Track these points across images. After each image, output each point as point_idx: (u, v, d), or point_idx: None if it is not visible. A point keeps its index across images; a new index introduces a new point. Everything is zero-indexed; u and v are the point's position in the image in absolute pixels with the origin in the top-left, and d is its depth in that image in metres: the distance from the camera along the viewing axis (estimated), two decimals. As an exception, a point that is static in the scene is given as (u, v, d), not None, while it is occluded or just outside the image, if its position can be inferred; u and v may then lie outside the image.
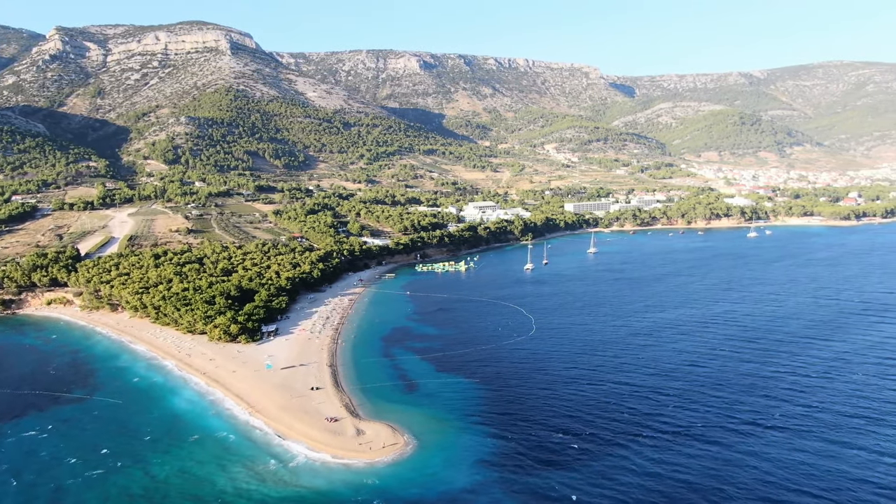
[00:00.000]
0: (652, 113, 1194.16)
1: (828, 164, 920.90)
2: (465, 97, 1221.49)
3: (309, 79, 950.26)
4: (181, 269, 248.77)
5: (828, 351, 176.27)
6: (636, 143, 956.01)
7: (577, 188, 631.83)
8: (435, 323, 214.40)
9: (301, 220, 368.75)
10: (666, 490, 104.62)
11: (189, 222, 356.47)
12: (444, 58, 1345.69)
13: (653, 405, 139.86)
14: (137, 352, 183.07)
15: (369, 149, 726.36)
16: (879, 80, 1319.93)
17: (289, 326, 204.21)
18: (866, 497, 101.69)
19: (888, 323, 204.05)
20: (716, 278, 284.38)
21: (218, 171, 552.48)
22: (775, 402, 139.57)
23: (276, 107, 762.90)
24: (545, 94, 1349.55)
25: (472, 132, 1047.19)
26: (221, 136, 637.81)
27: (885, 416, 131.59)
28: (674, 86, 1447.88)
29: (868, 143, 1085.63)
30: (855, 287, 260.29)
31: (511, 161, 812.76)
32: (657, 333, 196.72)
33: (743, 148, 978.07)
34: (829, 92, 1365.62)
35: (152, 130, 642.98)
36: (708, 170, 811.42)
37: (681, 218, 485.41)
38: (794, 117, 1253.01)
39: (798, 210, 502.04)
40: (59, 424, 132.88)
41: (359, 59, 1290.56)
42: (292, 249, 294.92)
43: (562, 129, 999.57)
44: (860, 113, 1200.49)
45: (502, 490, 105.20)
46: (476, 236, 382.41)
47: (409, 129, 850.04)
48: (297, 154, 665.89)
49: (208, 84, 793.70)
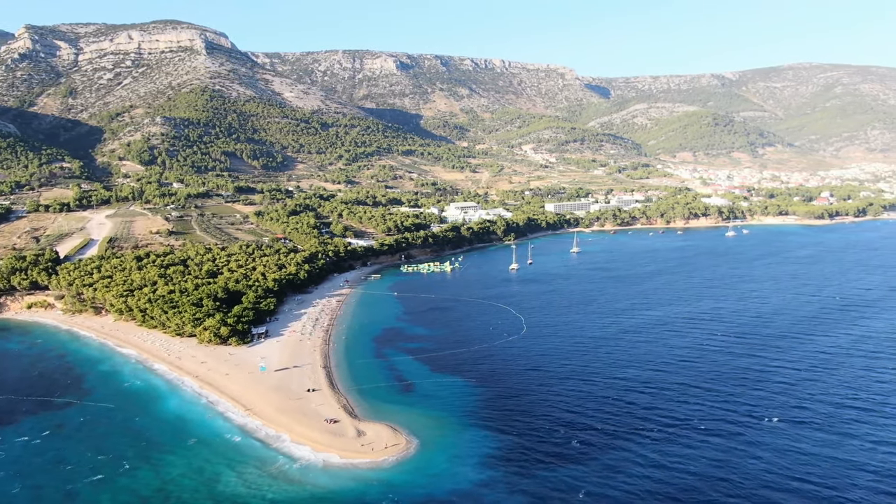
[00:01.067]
0: (627, 114, 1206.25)
1: (799, 164, 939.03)
2: (442, 98, 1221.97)
3: (285, 79, 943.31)
4: (165, 271, 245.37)
5: (813, 346, 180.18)
6: (612, 144, 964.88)
7: (557, 188, 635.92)
8: (425, 323, 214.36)
9: (283, 221, 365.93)
10: (673, 481, 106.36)
11: (169, 224, 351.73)
12: (420, 58, 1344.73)
13: (649, 400, 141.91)
14: (125, 355, 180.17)
15: (348, 149, 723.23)
16: (847, 81, 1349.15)
17: (278, 328, 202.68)
18: (865, 483, 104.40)
19: (868, 318, 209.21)
20: (700, 276, 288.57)
21: (195, 172, 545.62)
22: (769, 395, 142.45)
23: (252, 107, 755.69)
24: (521, 95, 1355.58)
25: (449, 133, 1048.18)
26: (198, 136, 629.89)
27: (875, 406, 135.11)
28: (648, 87, 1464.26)
29: (837, 144, 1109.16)
30: (835, 284, 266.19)
31: (490, 162, 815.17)
32: (646, 331, 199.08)
33: (717, 148, 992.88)
34: (798, 94, 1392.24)
35: (127, 131, 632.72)
36: (684, 170, 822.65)
37: (660, 218, 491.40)
38: (766, 118, 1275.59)
39: (773, 209, 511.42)
40: (53, 429, 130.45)
41: (335, 60, 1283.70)
42: (277, 251, 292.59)
43: (539, 129, 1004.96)
44: (829, 114, 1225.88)
45: (509, 487, 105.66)
46: (459, 237, 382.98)
47: (387, 129, 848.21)
48: (275, 155, 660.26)
49: (183, 84, 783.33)
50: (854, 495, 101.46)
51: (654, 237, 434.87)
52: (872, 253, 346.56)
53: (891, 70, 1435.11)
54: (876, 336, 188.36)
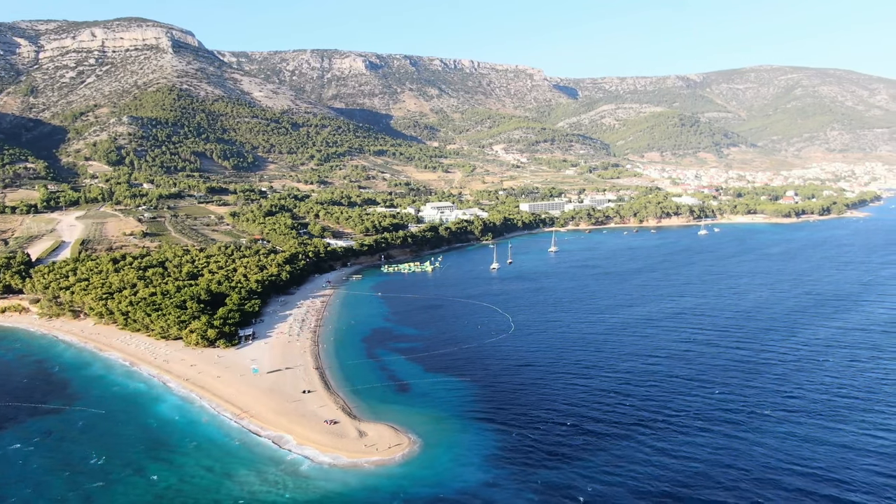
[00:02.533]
0: (595, 114, 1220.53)
1: (762, 164, 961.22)
2: (411, 98, 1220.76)
3: (254, 78, 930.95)
4: (144, 273, 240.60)
5: (797, 338, 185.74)
6: (582, 144, 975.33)
7: (530, 188, 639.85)
8: (412, 323, 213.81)
9: (260, 222, 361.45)
10: (679, 470, 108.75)
11: (143, 225, 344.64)
12: (389, 58, 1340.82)
13: (644, 393, 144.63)
14: (110, 359, 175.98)
15: (319, 149, 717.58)
16: (807, 84, 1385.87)
17: (265, 330, 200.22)
18: (862, 469, 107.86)
19: (845, 312, 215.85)
20: (680, 274, 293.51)
21: (165, 172, 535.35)
22: (760, 386, 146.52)
23: (221, 107, 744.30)
24: (490, 96, 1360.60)
25: (420, 133, 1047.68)
26: (166, 136, 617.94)
27: (863, 395, 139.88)
28: (615, 88, 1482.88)
29: (798, 145, 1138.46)
30: (811, 280, 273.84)
31: (462, 162, 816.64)
32: (634, 327, 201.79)
33: (683, 149, 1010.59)
34: (760, 95, 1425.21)
35: (92, 130, 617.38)
36: (652, 170, 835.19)
37: (633, 217, 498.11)
38: (730, 119, 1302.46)
39: (742, 208, 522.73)
40: (43, 437, 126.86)
41: (303, 59, 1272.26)
42: (256, 252, 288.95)
43: (509, 129, 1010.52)
44: (790, 115, 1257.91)
45: (517, 484, 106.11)
46: (438, 237, 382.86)
47: (358, 129, 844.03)
48: (245, 155, 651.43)
49: (149, 83, 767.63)
50: (852, 477, 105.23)
51: (629, 236, 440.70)
52: (842, 249, 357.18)
53: (847, 73, 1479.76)
54: (855, 328, 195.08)
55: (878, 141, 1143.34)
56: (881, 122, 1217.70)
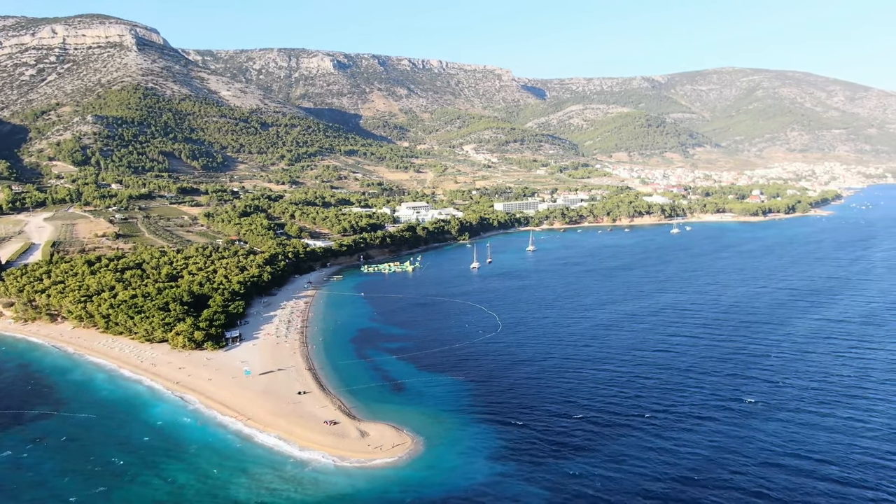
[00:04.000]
0: (563, 115, 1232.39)
1: (727, 164, 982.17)
2: (380, 98, 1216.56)
3: (221, 77, 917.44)
4: (121, 275, 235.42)
5: (779, 332, 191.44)
6: (551, 144, 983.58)
7: (503, 188, 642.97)
8: (399, 323, 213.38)
9: (235, 222, 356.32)
10: (685, 461, 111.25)
11: (115, 226, 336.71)
12: (357, 58, 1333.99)
13: (638, 387, 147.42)
14: (94, 363, 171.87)
15: (290, 149, 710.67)
16: (767, 85, 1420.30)
17: (251, 331, 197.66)
18: (857, 452, 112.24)
19: (823, 306, 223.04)
20: (658, 271, 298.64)
21: (133, 172, 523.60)
22: (750, 379, 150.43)
23: (189, 106, 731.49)
24: (459, 96, 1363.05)
25: (390, 133, 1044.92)
26: (133, 136, 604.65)
27: (848, 384, 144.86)
28: (582, 88, 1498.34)
29: (760, 145, 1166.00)
30: (787, 276, 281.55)
31: (433, 162, 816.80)
32: (619, 324, 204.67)
33: (650, 149, 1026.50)
34: (723, 96, 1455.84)
35: (55, 130, 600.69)
36: (622, 170, 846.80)
37: (606, 216, 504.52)
38: (694, 120, 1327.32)
39: (712, 207, 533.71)
40: (35, 443, 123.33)
41: (270, 58, 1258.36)
42: (235, 253, 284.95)
43: (479, 130, 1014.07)
44: (752, 116, 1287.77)
45: (526, 479, 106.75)
46: (416, 236, 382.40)
47: (328, 129, 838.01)
48: (214, 155, 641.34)
49: (114, 81, 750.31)
50: (848, 460, 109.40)
51: (604, 235, 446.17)
52: (813, 246, 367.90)
53: (805, 75, 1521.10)
54: (833, 320, 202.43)
55: (836, 141, 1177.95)
56: (838, 123, 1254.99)
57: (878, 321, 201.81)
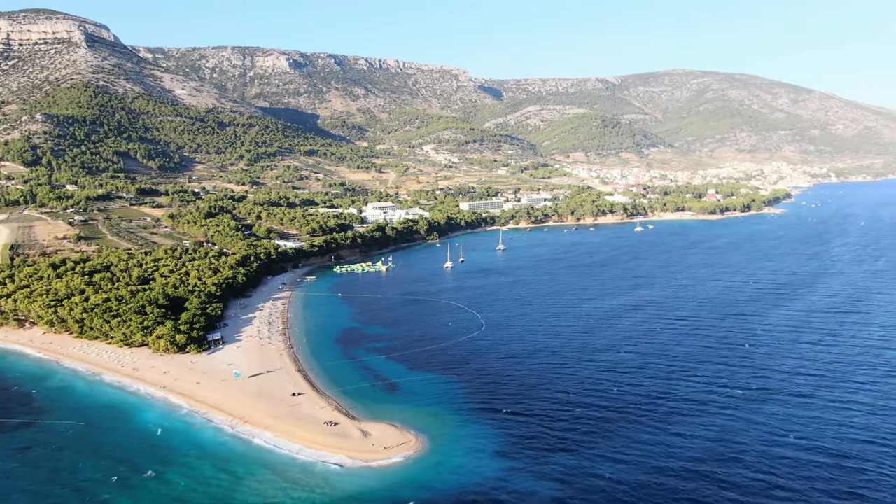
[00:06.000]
0: (521, 115, 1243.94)
1: (681, 163, 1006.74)
2: (338, 97, 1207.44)
3: (175, 75, 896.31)
4: (90, 278, 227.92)
5: (752, 323, 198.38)
6: (510, 145, 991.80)
7: (466, 188, 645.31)
8: (382, 323, 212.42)
9: (202, 223, 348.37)
10: (687, 449, 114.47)
11: (75, 228, 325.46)
12: (314, 57, 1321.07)
13: (629, 380, 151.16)
14: (72, 369, 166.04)
15: (248, 149, 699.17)
16: (717, 87, 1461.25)
17: (232, 334, 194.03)
18: (840, 434, 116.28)
19: (795, 298, 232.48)
20: (628, 269, 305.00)
21: (87, 173, 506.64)
22: (735, 369, 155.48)
23: (142, 104, 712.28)
24: (417, 96, 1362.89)
25: (348, 133, 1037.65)
26: (85, 135, 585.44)
27: (829, 373, 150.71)
28: (538, 89, 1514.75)
29: (711, 145, 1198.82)
30: (756, 271, 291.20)
31: (394, 162, 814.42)
32: (601, 320, 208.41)
33: (606, 149, 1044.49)
34: (674, 98, 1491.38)
35: (2, 129, 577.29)
36: (580, 169, 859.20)
37: (570, 215, 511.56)
38: (647, 121, 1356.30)
39: (671, 206, 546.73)
40: (22, 452, 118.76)
41: (223, 56, 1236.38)
42: (206, 254, 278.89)
43: (438, 130, 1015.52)
44: (702, 117, 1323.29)
45: (535, 474, 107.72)
46: (385, 236, 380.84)
47: (287, 129, 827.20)
48: (171, 155, 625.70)
49: (62, 79, 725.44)
50: (841, 444, 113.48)
51: (570, 233, 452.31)
52: (774, 243, 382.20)
53: (752, 77, 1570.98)
54: (808, 311, 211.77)
55: (782, 142, 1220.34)
56: (784, 124, 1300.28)
57: (851, 310, 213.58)
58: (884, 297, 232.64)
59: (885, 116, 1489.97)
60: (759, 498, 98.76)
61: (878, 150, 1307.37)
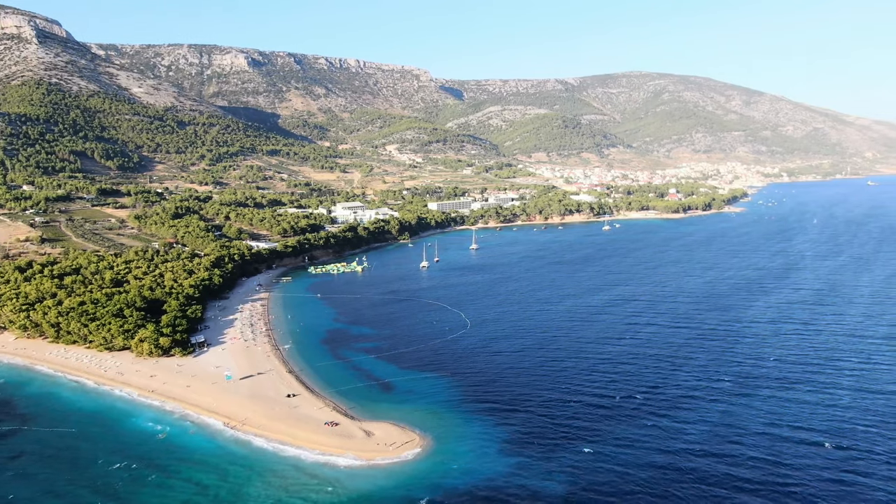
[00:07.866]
0: (483, 115, 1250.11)
1: (640, 163, 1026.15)
2: (298, 97, 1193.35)
3: (131, 73, 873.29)
4: (60, 281, 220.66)
5: (730, 315, 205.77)
6: (473, 145, 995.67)
7: (433, 188, 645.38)
8: (366, 323, 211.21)
9: (170, 224, 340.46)
10: (689, 435, 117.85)
11: (37, 230, 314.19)
12: (273, 56, 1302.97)
13: (621, 372, 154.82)
14: (51, 375, 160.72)
15: (210, 149, 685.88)
16: (672, 89, 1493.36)
17: (215, 336, 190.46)
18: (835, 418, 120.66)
19: (768, 292, 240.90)
20: (605, 266, 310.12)
21: (43, 173, 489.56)
22: (724, 360, 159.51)
23: (98, 102, 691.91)
24: (378, 96, 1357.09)
25: (310, 132, 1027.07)
26: (39, 134, 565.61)
27: (816, 361, 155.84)
28: (499, 90, 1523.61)
29: (668, 146, 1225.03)
30: (728, 266, 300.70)
31: (358, 162, 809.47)
32: (584, 316, 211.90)
33: (568, 149, 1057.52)
34: (632, 99, 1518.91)
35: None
36: (544, 169, 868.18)
37: (538, 214, 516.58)
38: (606, 122, 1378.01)
39: (636, 205, 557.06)
40: (13, 461, 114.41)
41: (180, 54, 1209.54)
42: (178, 256, 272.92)
43: (401, 130, 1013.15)
44: (659, 119, 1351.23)
45: (544, 469, 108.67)
46: (357, 237, 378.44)
47: (248, 128, 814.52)
48: (130, 155, 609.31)
49: (12, 76, 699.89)
50: (839, 428, 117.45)
51: (540, 232, 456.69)
52: (740, 240, 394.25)
53: (706, 80, 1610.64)
54: (785, 303, 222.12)
55: (736, 143, 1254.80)
56: (737, 125, 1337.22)
57: (825, 301, 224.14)
58: (851, 289, 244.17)
59: (831, 118, 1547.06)
60: (765, 476, 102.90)
61: (825, 151, 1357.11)
